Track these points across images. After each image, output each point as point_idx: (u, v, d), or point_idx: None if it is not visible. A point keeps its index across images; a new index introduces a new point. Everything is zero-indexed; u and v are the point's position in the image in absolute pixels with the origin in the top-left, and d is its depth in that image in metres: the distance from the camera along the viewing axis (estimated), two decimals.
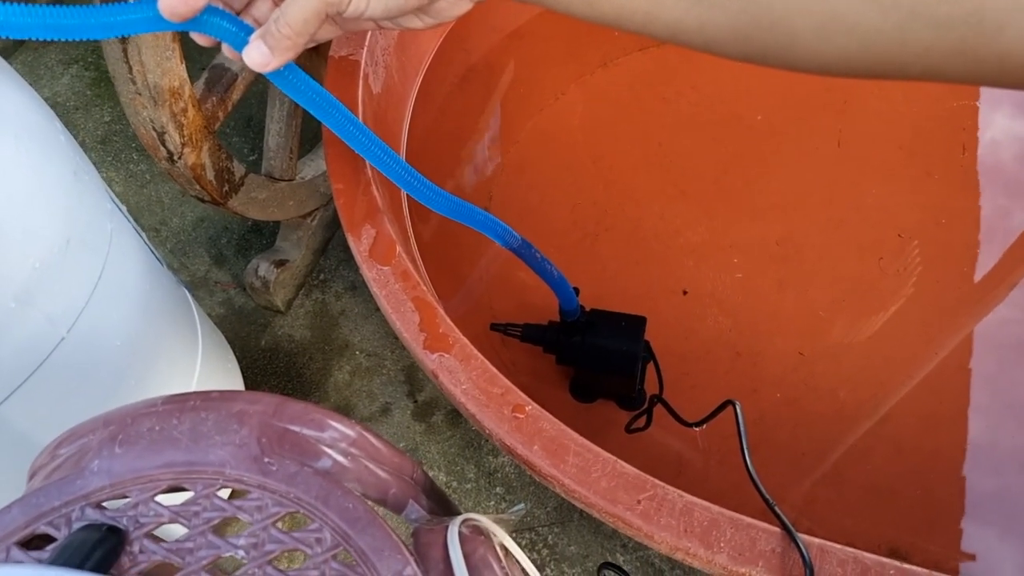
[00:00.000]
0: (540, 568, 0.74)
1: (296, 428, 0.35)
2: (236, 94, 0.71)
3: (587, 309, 0.72)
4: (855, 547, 0.67)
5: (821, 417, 0.74)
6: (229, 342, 0.89)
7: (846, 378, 0.75)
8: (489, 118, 0.94)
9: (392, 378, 0.87)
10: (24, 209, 0.42)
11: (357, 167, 0.52)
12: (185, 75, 0.62)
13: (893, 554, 0.66)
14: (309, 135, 0.85)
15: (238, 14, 0.39)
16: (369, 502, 0.37)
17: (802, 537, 0.39)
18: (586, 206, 0.88)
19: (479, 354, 0.45)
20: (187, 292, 0.68)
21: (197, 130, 0.66)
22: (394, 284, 0.47)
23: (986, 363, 0.75)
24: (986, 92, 0.95)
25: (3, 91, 0.44)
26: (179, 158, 0.65)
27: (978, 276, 0.82)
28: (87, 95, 1.11)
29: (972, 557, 0.66)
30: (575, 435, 0.42)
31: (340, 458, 0.36)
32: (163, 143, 0.64)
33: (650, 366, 0.74)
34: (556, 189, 0.89)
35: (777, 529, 0.39)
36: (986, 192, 0.87)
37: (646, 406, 0.66)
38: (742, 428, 0.44)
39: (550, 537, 0.76)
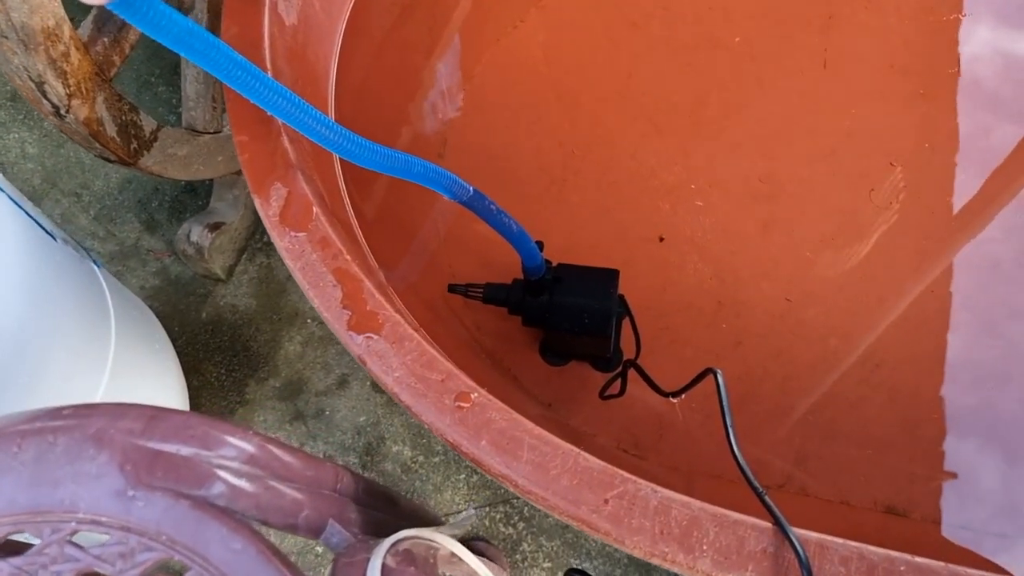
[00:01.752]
0: (517, 543, 0.69)
1: (173, 448, 0.28)
2: (134, 34, 0.61)
3: (553, 264, 0.65)
4: (850, 505, 0.62)
5: (811, 368, 0.68)
6: (166, 316, 0.82)
7: (836, 323, 0.69)
8: (442, 52, 0.84)
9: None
10: None
11: (265, 114, 0.44)
12: (62, 12, 0.53)
13: (890, 511, 0.61)
14: None
15: None
16: (273, 532, 0.30)
17: (797, 532, 0.33)
18: (551, 148, 0.80)
19: (414, 334, 0.37)
20: (96, 267, 0.59)
21: (86, 78, 0.56)
22: (311, 254, 0.40)
23: (964, 284, 0.71)
24: (969, 4, 0.87)
25: None
26: (67, 112, 0.56)
27: (966, 200, 0.76)
28: None
29: (954, 475, 0.62)
30: (530, 425, 0.35)
31: (235, 480, 0.29)
32: (44, 95, 0.54)
33: (626, 322, 0.68)
34: (518, 130, 0.81)
35: (768, 524, 0.33)
36: (967, 109, 0.80)
37: (619, 370, 0.60)
38: (725, 404, 0.37)
39: (526, 509, 0.71)
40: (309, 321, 0.82)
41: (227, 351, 0.80)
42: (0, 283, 0.44)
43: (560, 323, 0.62)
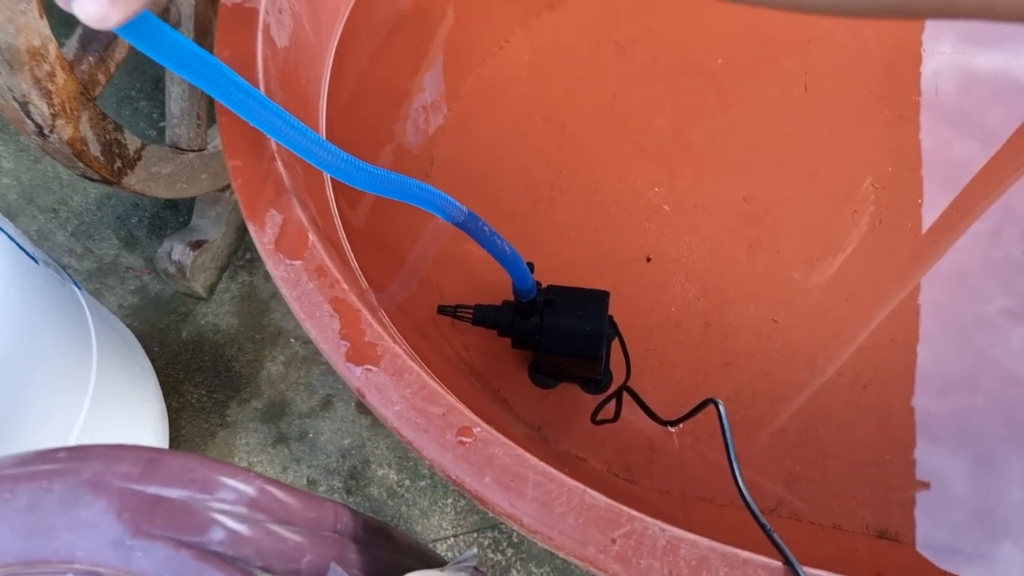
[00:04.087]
0: (506, 570, 0.69)
1: (173, 493, 0.27)
2: (119, 53, 0.60)
3: (543, 286, 0.64)
4: (842, 530, 0.63)
5: (799, 389, 0.68)
6: (145, 335, 0.80)
7: (823, 344, 0.70)
8: (426, 72, 0.84)
9: (332, 367, 0.79)
10: None
11: (258, 139, 0.43)
12: (48, 32, 0.51)
13: (883, 536, 0.62)
14: None
15: None
16: None
17: (809, 572, 0.33)
18: (538, 168, 0.80)
19: (414, 366, 0.37)
20: (77, 289, 0.58)
21: (71, 98, 0.55)
22: (307, 283, 0.39)
23: (933, 293, 0.73)
24: (932, 28, 0.90)
25: None
26: (51, 132, 0.54)
27: (938, 215, 0.78)
28: None
29: (927, 485, 0.63)
30: (534, 461, 0.35)
31: (235, 525, 0.28)
32: (28, 115, 0.53)
33: (615, 342, 0.68)
34: (504, 150, 0.81)
35: (779, 563, 0.33)
36: (930, 124, 0.82)
37: (611, 392, 0.60)
38: (729, 438, 0.37)
39: (515, 535, 0.70)
40: (292, 341, 0.81)
41: (208, 371, 0.79)
42: None
43: (551, 345, 0.62)
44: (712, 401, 0.40)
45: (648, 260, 0.74)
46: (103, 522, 0.26)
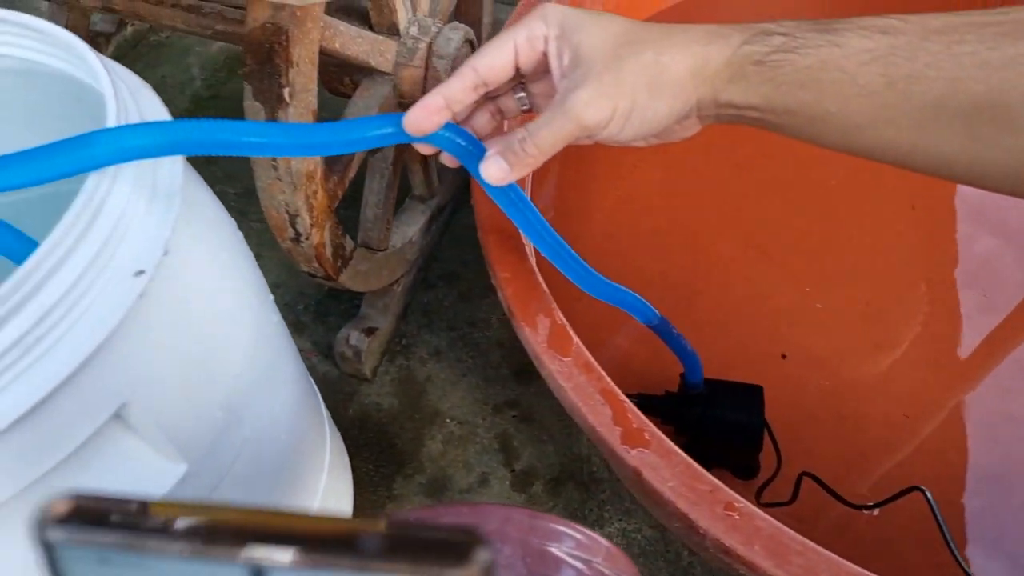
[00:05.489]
0: None
1: (552, 546, 0.35)
2: (352, 172, 0.72)
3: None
4: None
5: (932, 481, 0.74)
6: None
7: (955, 440, 0.76)
8: (577, 188, 0.95)
9: (487, 446, 0.86)
10: (230, 316, 0.42)
11: (521, 255, 0.53)
12: (319, 159, 0.63)
13: None
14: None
15: (459, 124, 0.41)
16: None
17: None
18: (675, 272, 0.89)
19: (677, 449, 0.45)
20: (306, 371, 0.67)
21: (323, 210, 0.66)
22: (579, 376, 0.47)
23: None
24: None
25: (201, 198, 0.44)
26: (306, 239, 0.65)
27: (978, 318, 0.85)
28: None
29: None
30: (791, 532, 0.41)
31: (584, 569, 0.35)
32: (293, 225, 0.64)
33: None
34: (644, 256, 0.90)
35: None
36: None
37: (775, 474, 0.66)
38: (941, 520, 0.44)
39: None
40: (448, 421, 0.89)
41: (374, 447, 0.86)
42: (287, 387, 0.52)
43: (713, 434, 0.69)
44: (919, 488, 0.46)
45: (783, 357, 0.82)
46: (513, 564, 0.34)
